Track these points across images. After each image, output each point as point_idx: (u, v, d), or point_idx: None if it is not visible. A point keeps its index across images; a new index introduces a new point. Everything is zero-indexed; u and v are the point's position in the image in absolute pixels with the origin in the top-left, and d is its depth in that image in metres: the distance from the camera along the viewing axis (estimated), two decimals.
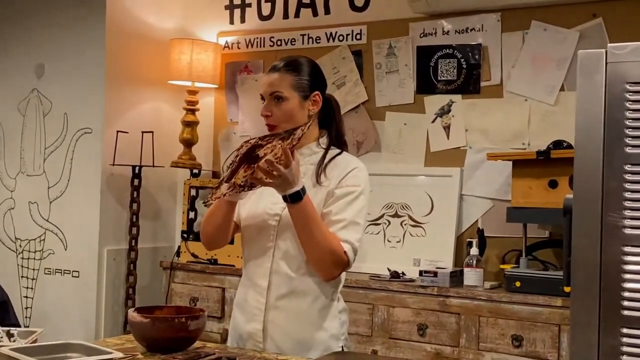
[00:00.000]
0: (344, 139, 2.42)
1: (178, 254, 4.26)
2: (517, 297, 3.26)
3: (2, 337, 2.24)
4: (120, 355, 2.00)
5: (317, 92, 2.33)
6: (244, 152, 2.17)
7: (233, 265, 3.98)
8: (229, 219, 2.32)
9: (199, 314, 2.14)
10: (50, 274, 4.47)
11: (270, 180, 2.09)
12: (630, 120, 1.85)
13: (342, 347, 2.34)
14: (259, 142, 2.16)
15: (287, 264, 2.28)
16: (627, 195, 1.84)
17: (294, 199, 2.14)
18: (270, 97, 2.30)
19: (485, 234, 3.71)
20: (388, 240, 3.98)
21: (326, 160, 2.31)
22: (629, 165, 1.85)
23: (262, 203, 2.31)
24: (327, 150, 2.35)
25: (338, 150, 2.37)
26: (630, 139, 1.85)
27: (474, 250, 3.55)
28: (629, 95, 1.85)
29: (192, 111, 4.48)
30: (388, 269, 3.72)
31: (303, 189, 2.15)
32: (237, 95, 4.64)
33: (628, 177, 1.84)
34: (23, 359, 1.89)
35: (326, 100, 2.38)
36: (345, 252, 2.21)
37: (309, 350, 2.26)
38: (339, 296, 2.38)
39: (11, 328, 2.29)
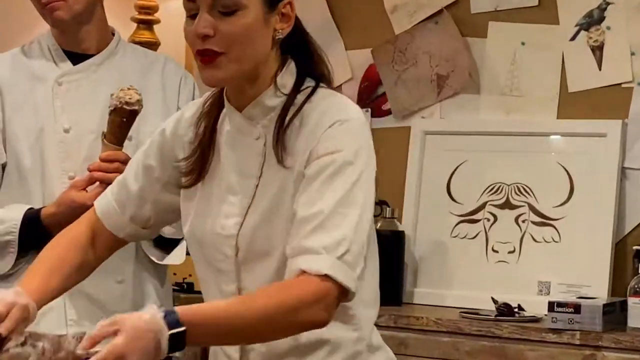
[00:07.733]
0: (324, 69, 1.78)
1: None
2: None
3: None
4: None
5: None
6: None
7: None
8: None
9: None
10: None
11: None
12: None
13: None
14: None
15: None
16: None
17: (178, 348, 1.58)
18: (210, 6, 1.72)
19: None
20: (493, 250, 3.16)
21: (287, 120, 1.72)
22: None
23: (211, 215, 1.74)
24: (289, 98, 1.72)
25: (309, 90, 1.73)
26: None
27: None
28: None
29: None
30: (493, 299, 3.00)
31: (179, 339, 1.50)
32: None
33: None
34: None
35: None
36: (319, 281, 1.52)
37: None
38: (375, 337, 1.80)
39: None
